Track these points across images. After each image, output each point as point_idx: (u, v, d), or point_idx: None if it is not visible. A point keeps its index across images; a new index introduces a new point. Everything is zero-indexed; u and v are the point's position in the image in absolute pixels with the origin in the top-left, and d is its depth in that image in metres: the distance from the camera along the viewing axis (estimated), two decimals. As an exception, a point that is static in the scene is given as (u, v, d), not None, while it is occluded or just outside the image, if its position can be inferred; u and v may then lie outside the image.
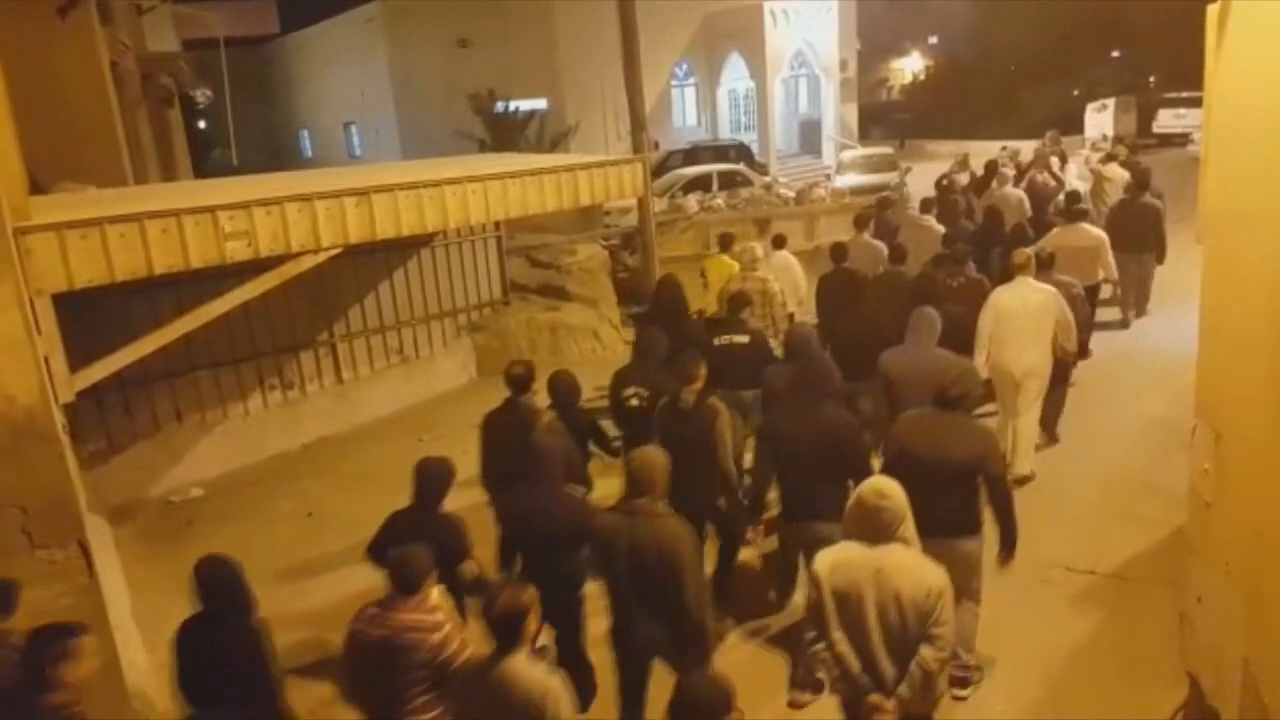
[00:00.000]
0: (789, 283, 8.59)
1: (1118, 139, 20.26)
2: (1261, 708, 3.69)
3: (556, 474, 4.83)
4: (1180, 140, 26.52)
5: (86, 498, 5.78)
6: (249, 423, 9.20)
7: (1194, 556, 4.75)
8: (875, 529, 3.53)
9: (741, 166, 21.74)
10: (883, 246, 8.77)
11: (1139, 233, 9.94)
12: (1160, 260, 10.21)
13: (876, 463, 5.07)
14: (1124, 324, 10.38)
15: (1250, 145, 3.83)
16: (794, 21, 29.76)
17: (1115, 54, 41.95)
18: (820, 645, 3.59)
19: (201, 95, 18.46)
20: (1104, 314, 10.30)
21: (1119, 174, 11.97)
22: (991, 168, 12.67)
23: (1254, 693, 3.85)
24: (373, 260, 9.99)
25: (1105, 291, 10.14)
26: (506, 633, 3.30)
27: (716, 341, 6.69)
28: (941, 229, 9.76)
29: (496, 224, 11.20)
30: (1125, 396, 8.52)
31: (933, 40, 49.26)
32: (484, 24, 26.49)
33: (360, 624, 3.77)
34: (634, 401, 5.93)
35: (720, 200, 17.26)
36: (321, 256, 7.12)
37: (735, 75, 31.40)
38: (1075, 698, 5.03)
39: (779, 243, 9.43)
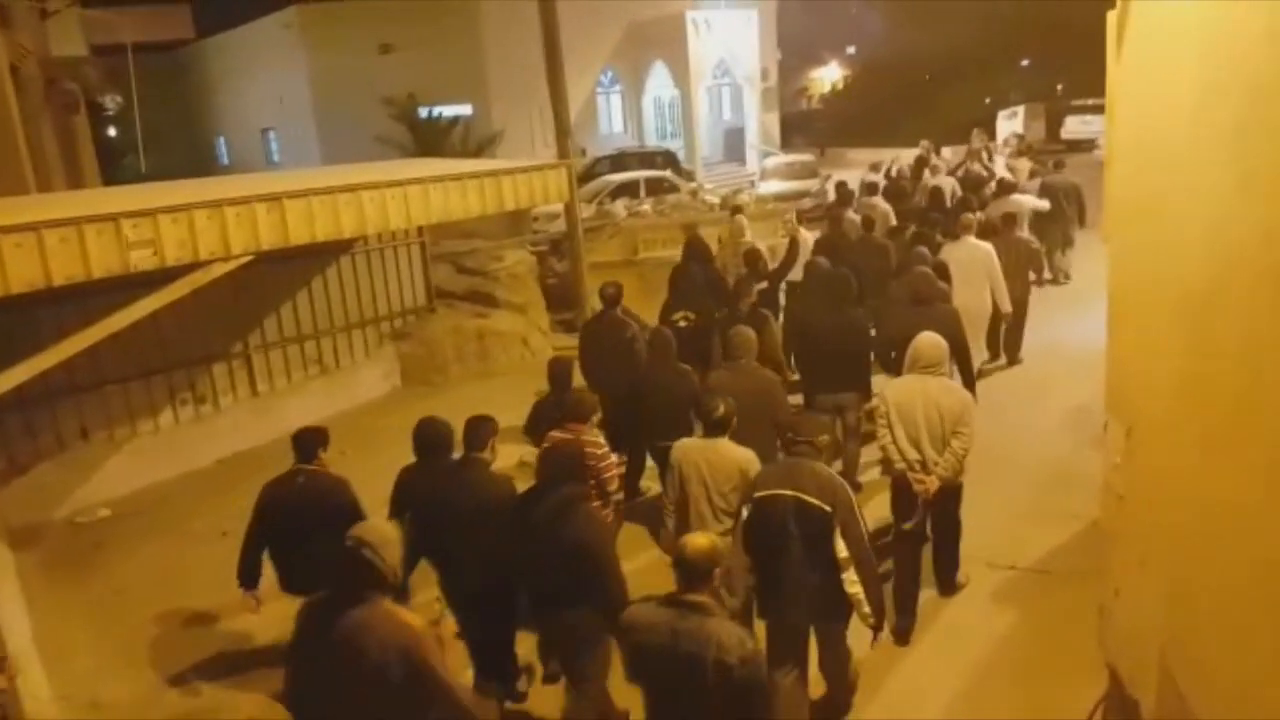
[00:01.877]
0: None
1: (1027, 145, 21.33)
2: (1179, 697, 3.76)
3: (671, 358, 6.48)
4: (1087, 146, 27.39)
5: (-17, 521, 5.50)
6: (159, 439, 8.88)
7: (1109, 549, 4.83)
8: (924, 366, 5.46)
9: (668, 173, 21.85)
10: (858, 219, 10.60)
11: (1058, 203, 12.49)
12: (1082, 223, 12.82)
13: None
14: (1055, 280, 12.69)
15: (1153, 140, 3.93)
16: (716, 31, 30.03)
17: (1025, 62, 43.25)
18: (888, 441, 5.48)
19: (111, 101, 17.89)
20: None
21: (1025, 165, 15.71)
22: (922, 161, 15.42)
23: (1171, 683, 3.91)
24: (290, 268, 9.73)
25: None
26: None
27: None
28: (889, 208, 12.04)
29: (420, 230, 11.02)
30: (1043, 391, 8.74)
31: (850, 50, 50.20)
32: (407, 30, 26.15)
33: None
34: (682, 323, 7.56)
35: (648, 206, 17.28)
36: (232, 264, 6.90)
37: (660, 83, 31.58)
38: (997, 691, 5.09)
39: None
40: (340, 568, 3.32)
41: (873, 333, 7.26)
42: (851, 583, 4.28)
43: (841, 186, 12.43)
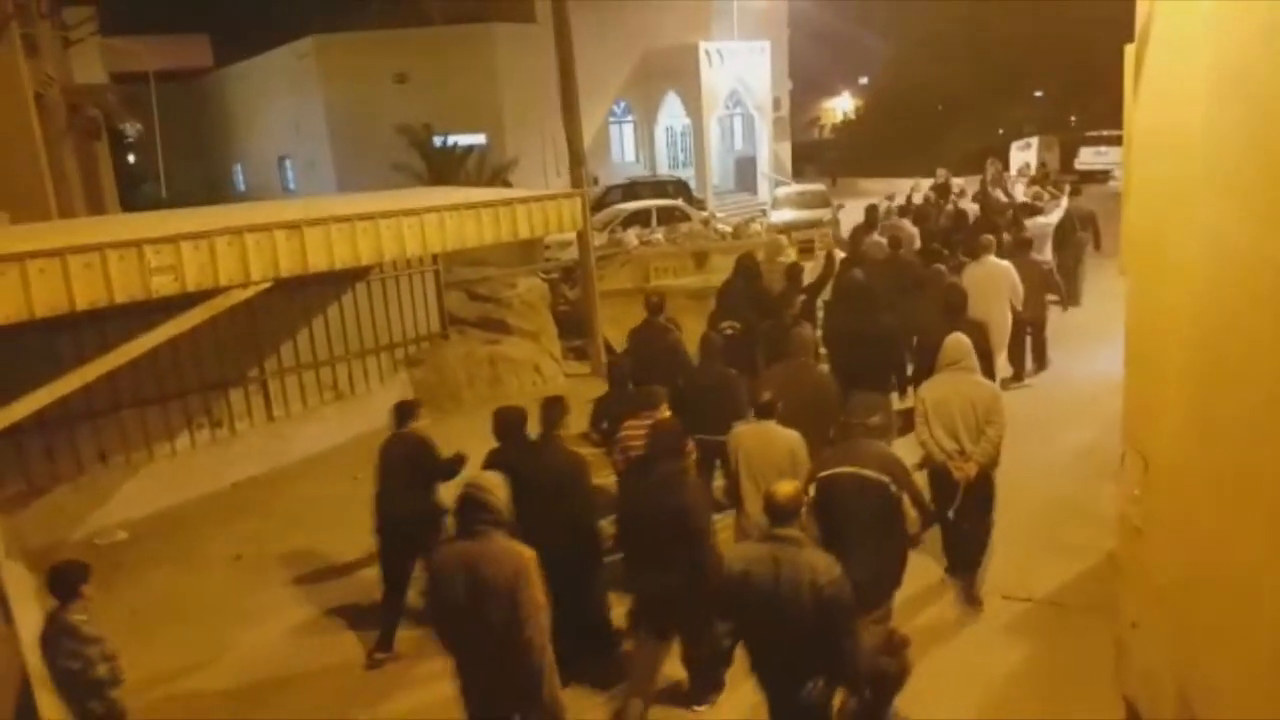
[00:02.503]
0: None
1: (1044, 173, 21.87)
2: (1195, 730, 3.75)
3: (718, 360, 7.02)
4: (1101, 177, 27.42)
5: (5, 543, 5.56)
6: (176, 463, 8.93)
7: (1127, 582, 4.80)
8: (952, 363, 5.89)
9: (680, 202, 21.92)
10: (883, 240, 11.04)
11: (1073, 228, 12.78)
12: (1098, 247, 13.14)
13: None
14: (1061, 303, 12.12)
15: (1166, 175, 3.97)
16: (729, 61, 30.31)
17: (1038, 94, 43.45)
18: (926, 436, 5.87)
19: (131, 128, 18.17)
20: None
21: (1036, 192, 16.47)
22: (943, 188, 16.05)
23: (1189, 715, 3.90)
24: (306, 294, 9.83)
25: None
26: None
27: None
28: (915, 230, 12.47)
29: (434, 257, 11.11)
30: (1053, 426, 8.70)
31: (863, 80, 50.59)
32: (422, 59, 26.49)
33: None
34: (728, 331, 8.01)
35: (659, 235, 17.37)
36: (251, 290, 6.99)
37: (672, 113, 31.83)
38: (1012, 723, 5.06)
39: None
40: (461, 509, 4.06)
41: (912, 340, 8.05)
42: (912, 521, 4.92)
43: (871, 210, 12.76)
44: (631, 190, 23.43)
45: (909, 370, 8.11)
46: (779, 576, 3.92)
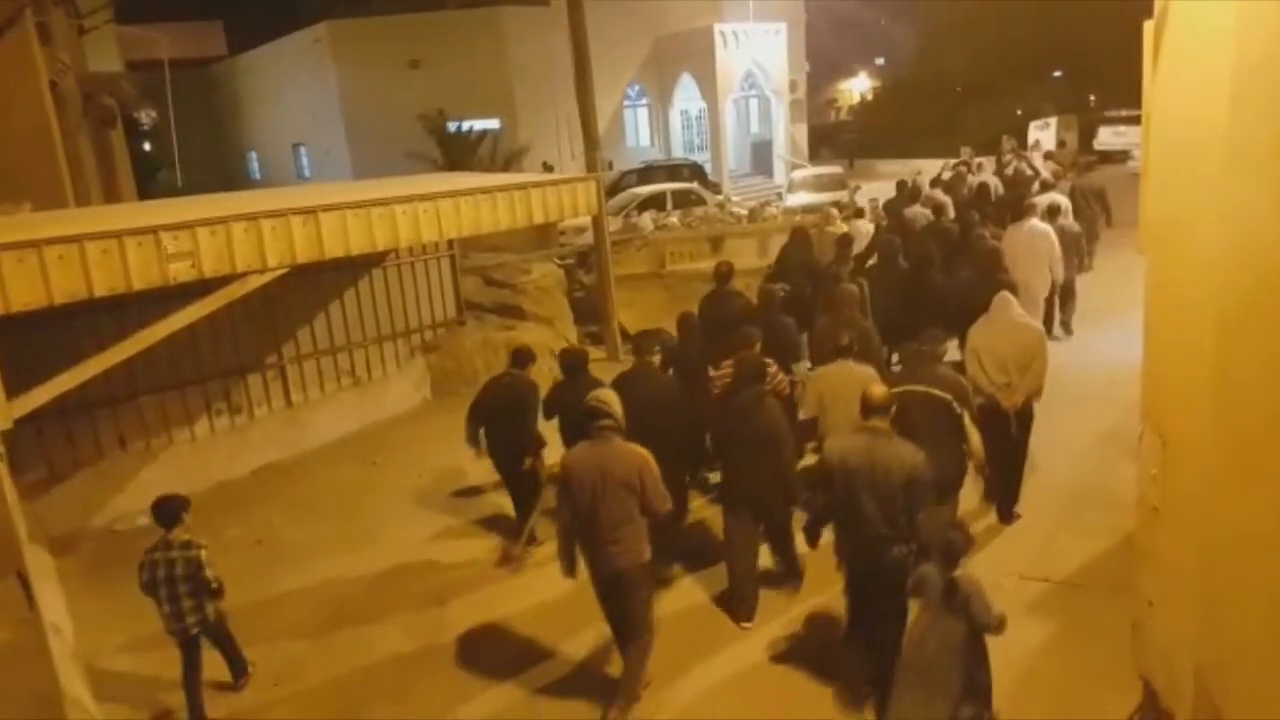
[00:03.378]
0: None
1: (1061, 145, 22.22)
2: (1214, 710, 3.73)
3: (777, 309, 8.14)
4: (1120, 157, 27.15)
5: (27, 528, 5.60)
6: (195, 449, 8.99)
7: (1144, 561, 4.79)
8: (1003, 311, 6.76)
9: (695, 186, 21.84)
10: (927, 210, 12.38)
11: (1086, 203, 13.92)
12: (1109, 222, 14.13)
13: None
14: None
15: (1187, 156, 3.91)
16: (744, 44, 30.12)
17: (1057, 74, 42.98)
18: (976, 371, 6.63)
19: (146, 116, 18.23)
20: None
21: (1053, 168, 17.64)
22: (965, 166, 16.92)
23: (1207, 695, 3.89)
24: (323, 280, 9.85)
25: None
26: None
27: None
28: (948, 199, 13.32)
29: (450, 243, 11.11)
30: (1070, 407, 8.62)
31: (879, 61, 50.18)
32: (435, 45, 26.47)
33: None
34: (780, 293, 8.50)
35: (675, 219, 17.29)
36: (268, 277, 7.00)
37: (687, 96, 31.68)
38: (1030, 704, 5.06)
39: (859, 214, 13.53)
40: (587, 418, 5.10)
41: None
42: (974, 447, 5.80)
43: (901, 185, 14.17)
44: (646, 174, 23.36)
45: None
46: (873, 459, 4.86)
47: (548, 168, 22.53)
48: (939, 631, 4.43)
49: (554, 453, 6.38)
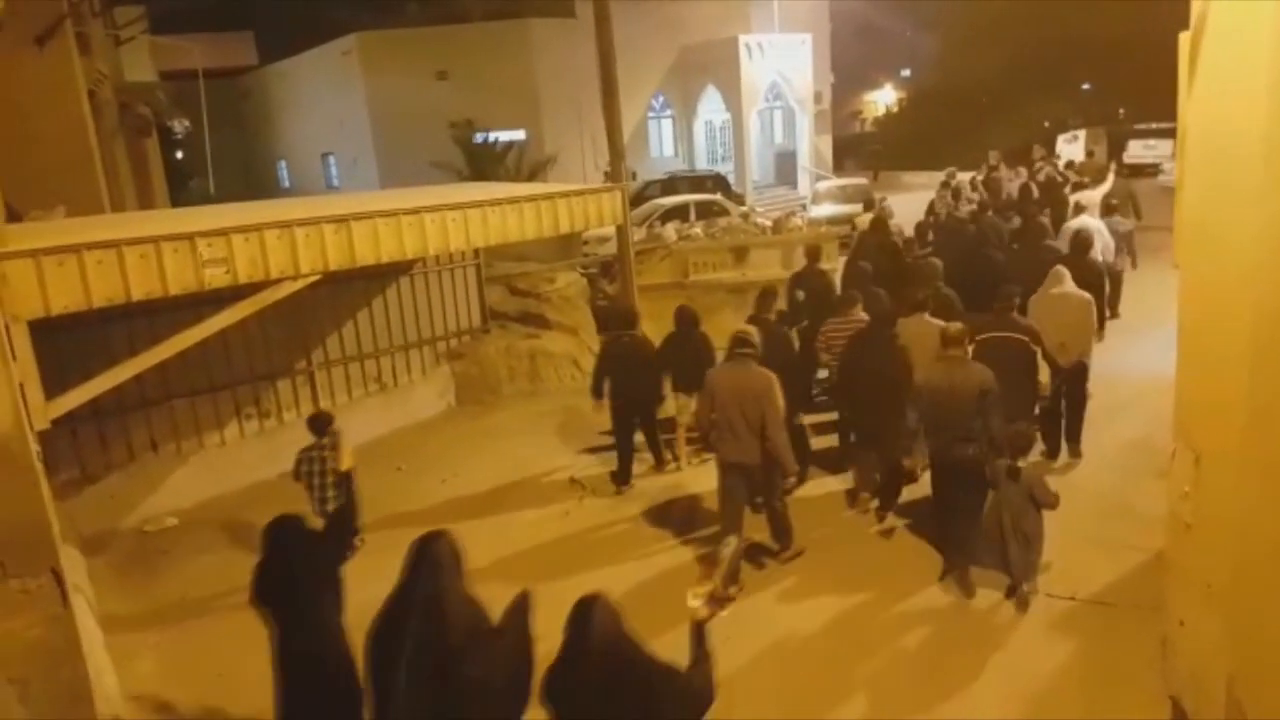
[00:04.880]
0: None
1: (1089, 155, 22.71)
2: (1244, 727, 3.71)
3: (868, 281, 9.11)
4: (1151, 170, 26.93)
5: (60, 527, 5.69)
6: (225, 452, 9.11)
7: (1174, 579, 4.74)
8: (1057, 284, 8.06)
9: (719, 196, 21.86)
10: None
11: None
12: (1139, 216, 14.61)
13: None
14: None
15: (1224, 167, 3.89)
16: (769, 55, 30.15)
17: (1085, 86, 42.71)
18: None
19: (179, 125, 18.49)
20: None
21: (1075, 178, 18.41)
22: (996, 170, 18.73)
23: (1238, 714, 3.85)
24: (351, 288, 9.98)
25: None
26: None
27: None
28: (987, 197, 15.56)
29: (475, 252, 11.21)
30: (1098, 420, 8.59)
31: (905, 73, 50.06)
32: (462, 56, 26.69)
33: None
34: (868, 269, 9.72)
35: (698, 229, 17.30)
36: (300, 283, 7.07)
37: (711, 107, 31.73)
38: (1057, 721, 5.02)
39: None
40: (733, 344, 6.62)
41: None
42: (1044, 380, 7.30)
43: (944, 186, 16.31)
44: (670, 185, 23.41)
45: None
46: (952, 380, 6.29)
47: (608, 176, 22.65)
48: (1012, 506, 5.91)
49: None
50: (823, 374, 9.05)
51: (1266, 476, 3.59)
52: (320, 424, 7.37)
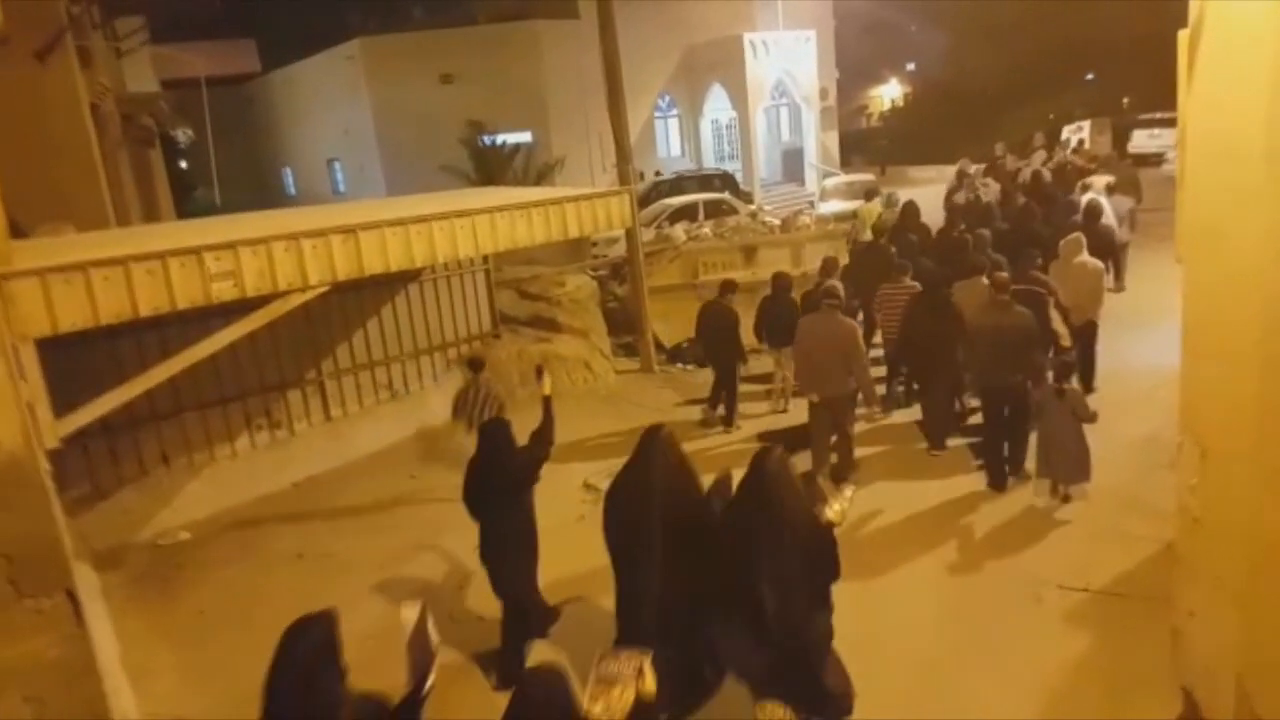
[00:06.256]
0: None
1: (1093, 157, 22.65)
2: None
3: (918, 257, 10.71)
4: (1155, 160, 26.78)
5: (72, 544, 5.67)
6: (237, 464, 9.07)
7: (1184, 571, 4.77)
8: (1075, 254, 9.44)
9: (727, 195, 21.76)
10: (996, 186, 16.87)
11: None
12: (1140, 200, 15.67)
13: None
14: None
15: (1225, 164, 3.87)
16: (774, 52, 30.08)
17: (1089, 77, 42.52)
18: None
19: (183, 135, 18.48)
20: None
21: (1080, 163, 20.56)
22: (1002, 160, 20.61)
23: (1248, 705, 3.85)
24: (360, 296, 9.93)
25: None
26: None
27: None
28: (998, 184, 17.07)
29: (485, 257, 11.16)
30: (1107, 414, 8.49)
31: (910, 67, 49.91)
32: (468, 59, 26.67)
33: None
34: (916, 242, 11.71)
35: (707, 229, 17.22)
36: (309, 294, 7.06)
37: (718, 106, 31.67)
38: (1070, 714, 5.01)
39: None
40: (816, 296, 8.22)
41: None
42: (1058, 328, 8.57)
43: (961, 175, 18.19)
44: (678, 185, 23.33)
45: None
46: (999, 321, 7.53)
47: (640, 176, 22.83)
48: (1057, 422, 7.04)
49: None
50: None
51: (1273, 471, 3.58)
52: (476, 364, 8.88)
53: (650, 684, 3.37)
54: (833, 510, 4.80)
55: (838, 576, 4.66)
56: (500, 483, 5.55)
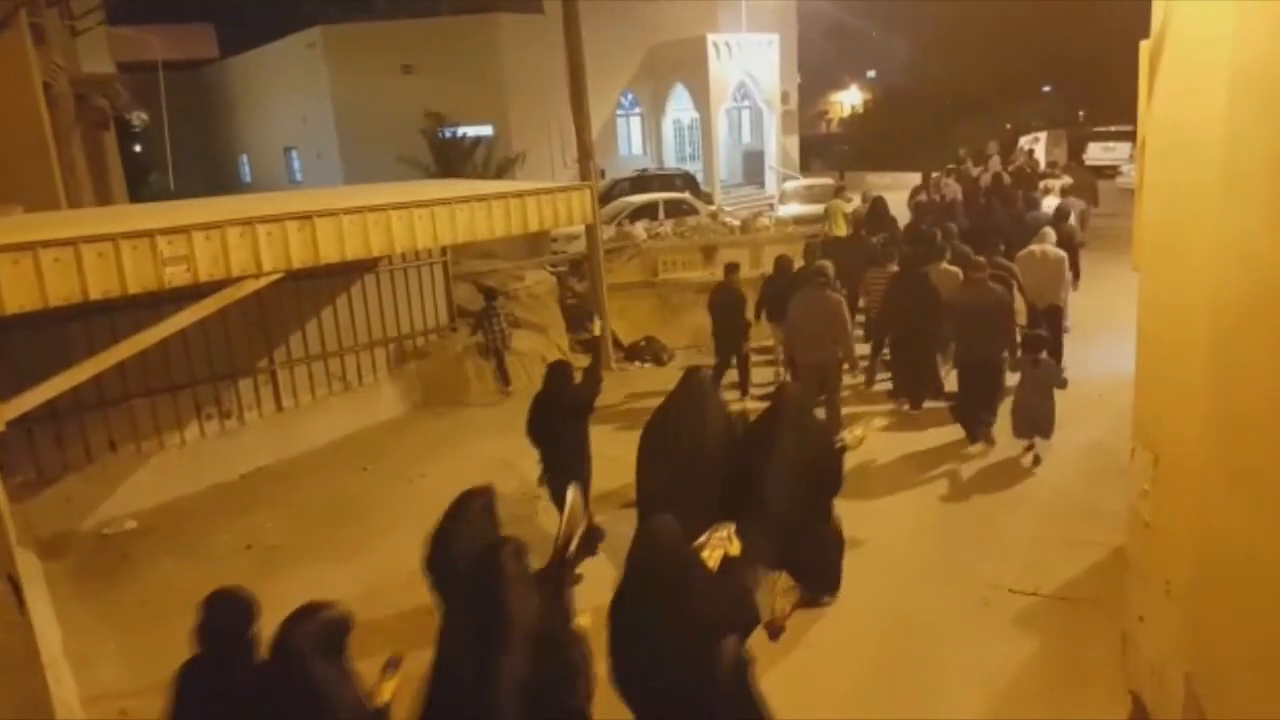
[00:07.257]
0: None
1: (1052, 163, 24.34)
2: (1204, 724, 3.76)
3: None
4: (1110, 172, 27.32)
5: (16, 531, 5.56)
6: (185, 453, 8.95)
7: (1134, 576, 4.82)
8: (1040, 242, 10.46)
9: (687, 195, 21.86)
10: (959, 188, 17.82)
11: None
12: (1096, 203, 17.84)
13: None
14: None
15: (1183, 174, 3.96)
16: (736, 54, 30.20)
17: (1046, 89, 43.25)
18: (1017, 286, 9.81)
19: (137, 119, 18.14)
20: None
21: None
22: (965, 165, 21.27)
23: (1196, 708, 3.92)
24: (315, 286, 9.84)
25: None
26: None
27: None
28: (959, 187, 17.84)
29: (443, 249, 11.11)
30: (1064, 419, 8.69)
31: (871, 74, 50.36)
32: (430, 51, 26.46)
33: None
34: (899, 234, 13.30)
35: (667, 228, 17.31)
36: (263, 281, 6.98)
37: (680, 106, 31.72)
38: (1018, 716, 5.07)
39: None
40: (808, 274, 9.35)
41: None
42: (1019, 306, 9.57)
43: (925, 176, 19.26)
44: (639, 183, 23.37)
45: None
46: (976, 298, 8.43)
47: (602, 174, 22.90)
48: (1031, 387, 8.01)
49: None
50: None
51: (1224, 476, 3.65)
52: (491, 293, 10.97)
53: (736, 546, 4.36)
54: (852, 435, 5.92)
55: (838, 490, 5.87)
56: (567, 408, 6.73)
